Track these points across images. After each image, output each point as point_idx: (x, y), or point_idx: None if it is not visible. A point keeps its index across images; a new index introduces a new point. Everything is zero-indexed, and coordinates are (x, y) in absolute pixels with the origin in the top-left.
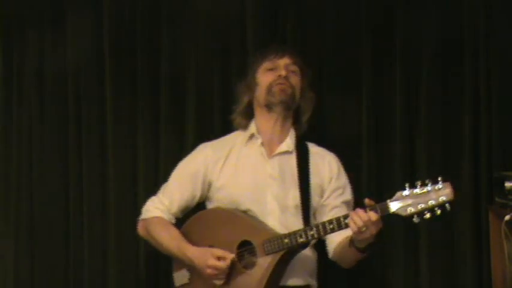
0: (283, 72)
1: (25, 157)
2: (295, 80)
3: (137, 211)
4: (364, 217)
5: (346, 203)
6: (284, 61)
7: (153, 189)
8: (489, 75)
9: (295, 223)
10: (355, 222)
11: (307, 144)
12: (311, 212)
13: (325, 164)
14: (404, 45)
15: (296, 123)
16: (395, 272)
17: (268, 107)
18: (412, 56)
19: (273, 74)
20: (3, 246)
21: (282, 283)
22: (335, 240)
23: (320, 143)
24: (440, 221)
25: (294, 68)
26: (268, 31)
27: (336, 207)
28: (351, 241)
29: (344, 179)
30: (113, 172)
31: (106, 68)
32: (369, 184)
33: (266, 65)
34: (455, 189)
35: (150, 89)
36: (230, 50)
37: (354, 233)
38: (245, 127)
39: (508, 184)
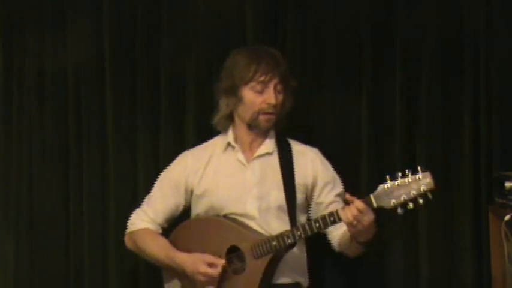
0: (272, 101)
1: (25, 157)
2: (280, 99)
3: None
4: (353, 211)
5: (339, 195)
6: (273, 82)
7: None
8: (489, 75)
9: (279, 224)
10: (346, 218)
11: (289, 141)
12: (297, 211)
13: (308, 162)
14: (404, 45)
15: (275, 122)
16: (395, 272)
17: (250, 126)
18: (412, 56)
19: (261, 99)
20: (3, 246)
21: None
22: (337, 234)
23: (319, 143)
24: (441, 220)
25: (280, 87)
26: (268, 31)
27: (331, 203)
28: (351, 237)
29: (331, 172)
30: (113, 172)
31: (106, 68)
32: (369, 185)
33: (254, 85)
34: (456, 189)
35: (150, 89)
36: (230, 50)
37: (348, 228)
38: (226, 129)
39: (508, 184)
